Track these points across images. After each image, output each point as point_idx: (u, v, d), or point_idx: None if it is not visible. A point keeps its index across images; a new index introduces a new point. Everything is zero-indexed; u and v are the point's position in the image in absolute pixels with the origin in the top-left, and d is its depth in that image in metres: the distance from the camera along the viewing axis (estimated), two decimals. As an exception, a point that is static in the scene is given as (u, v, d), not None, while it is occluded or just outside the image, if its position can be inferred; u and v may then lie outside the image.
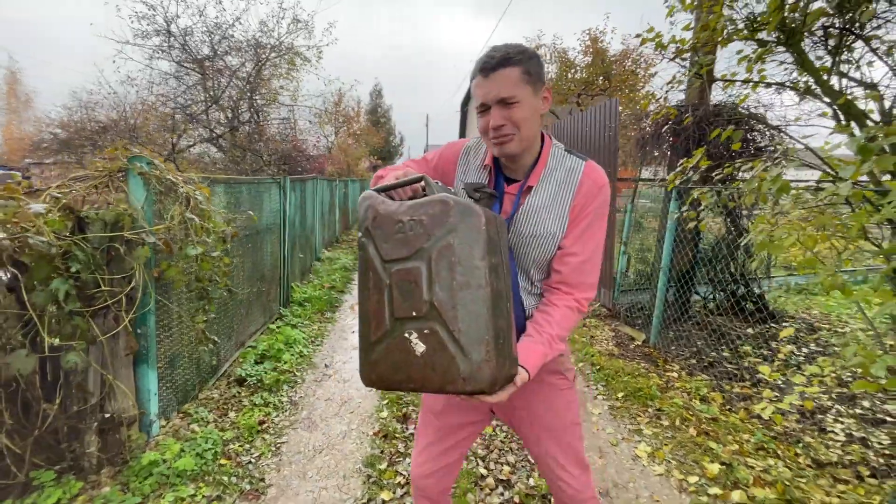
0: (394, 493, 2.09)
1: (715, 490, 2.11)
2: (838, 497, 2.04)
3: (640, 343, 4.00)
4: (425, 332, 0.86)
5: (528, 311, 1.14)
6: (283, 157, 8.99)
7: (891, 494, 2.04)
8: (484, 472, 2.23)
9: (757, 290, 4.48)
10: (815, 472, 2.24)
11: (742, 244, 3.48)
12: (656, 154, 4.42)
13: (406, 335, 0.88)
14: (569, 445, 1.22)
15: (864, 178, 2.03)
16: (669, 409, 2.81)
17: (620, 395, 3.03)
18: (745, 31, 2.80)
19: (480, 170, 1.17)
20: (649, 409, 2.84)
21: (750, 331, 4.13)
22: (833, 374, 3.24)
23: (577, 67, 10.34)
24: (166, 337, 2.48)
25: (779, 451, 2.39)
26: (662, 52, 3.40)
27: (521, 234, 1.09)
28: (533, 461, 1.39)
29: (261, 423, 2.64)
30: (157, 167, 2.26)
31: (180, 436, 2.39)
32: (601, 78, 10.36)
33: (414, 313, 0.87)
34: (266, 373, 3.17)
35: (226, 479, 2.15)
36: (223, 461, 2.28)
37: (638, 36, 3.42)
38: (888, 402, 2.99)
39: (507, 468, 2.25)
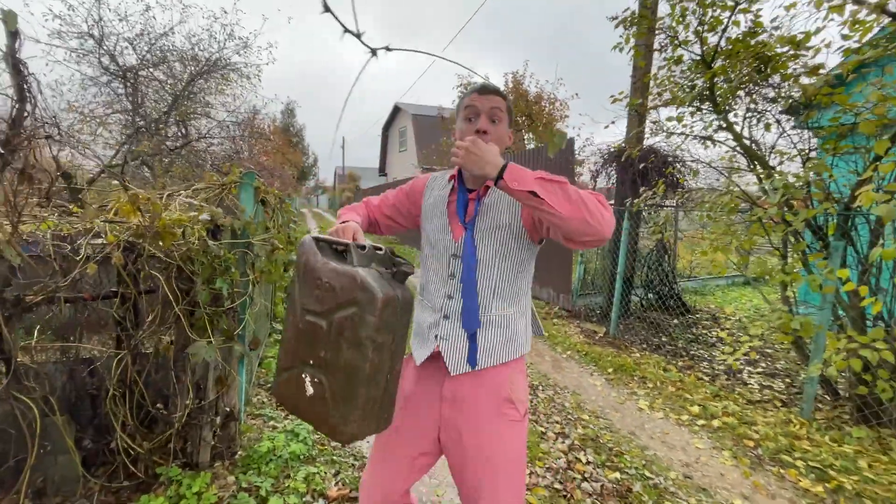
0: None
1: (701, 422, 2.96)
2: (772, 418, 3.02)
3: (602, 335, 4.92)
4: (315, 379, 0.98)
5: (481, 300, 1.18)
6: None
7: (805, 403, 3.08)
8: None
9: (676, 290, 5.76)
10: (750, 406, 3.22)
11: (668, 255, 4.63)
12: (605, 184, 5.53)
13: (302, 375, 1.00)
14: (505, 483, 1.15)
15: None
16: (650, 376, 3.69)
17: (610, 370, 3.85)
18: (684, 98, 3.91)
19: (445, 186, 1.30)
20: (634, 378, 3.69)
21: (675, 321, 5.34)
22: (749, 346, 4.47)
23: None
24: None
25: (727, 397, 3.36)
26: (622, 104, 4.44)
27: (482, 229, 1.19)
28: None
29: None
30: (261, 183, 2.51)
31: (262, 424, 2.57)
32: (523, 116, 11.91)
33: (311, 361, 0.99)
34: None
35: (335, 457, 2.41)
36: (319, 446, 2.52)
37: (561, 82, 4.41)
38: (778, 362, 4.24)
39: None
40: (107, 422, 1.98)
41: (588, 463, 2.47)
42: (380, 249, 1.06)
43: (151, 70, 8.09)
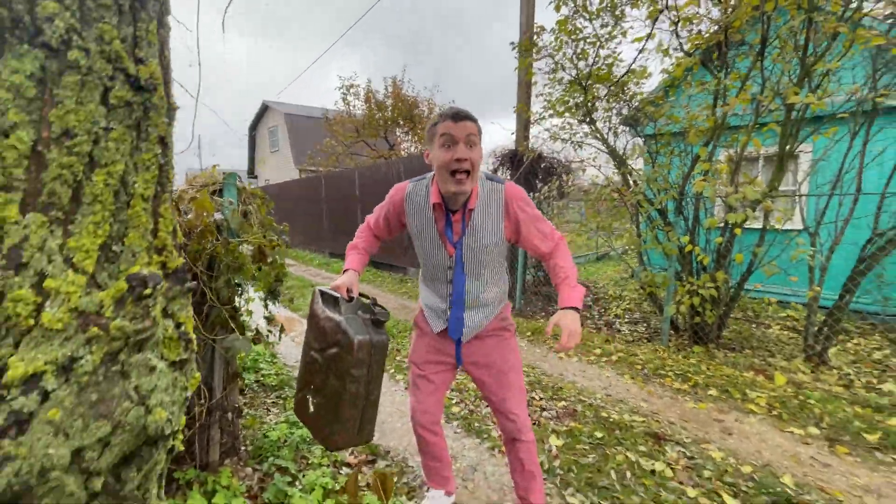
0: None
1: (604, 359, 3.91)
2: (645, 349, 4.13)
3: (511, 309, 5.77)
4: (315, 400, 1.27)
5: (470, 295, 1.51)
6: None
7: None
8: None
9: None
10: (630, 345, 4.33)
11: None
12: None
13: (307, 396, 1.29)
14: (517, 386, 1.60)
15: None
16: (559, 333, 4.59)
17: (528, 333, 4.66)
18: (562, 111, 4.90)
19: (427, 208, 1.44)
20: (549, 338, 4.55)
21: (560, 293, 6.51)
22: (623, 305, 5.75)
23: (387, 108, 12.16)
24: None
25: (613, 340, 4.43)
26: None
27: (471, 247, 1.43)
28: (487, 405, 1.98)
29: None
30: (241, 181, 2.53)
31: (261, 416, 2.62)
32: (403, 119, 12.46)
33: (312, 386, 1.28)
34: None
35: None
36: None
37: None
38: (635, 312, 5.59)
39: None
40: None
41: (540, 399, 3.13)
42: (367, 298, 1.34)
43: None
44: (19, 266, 0.49)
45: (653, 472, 2.28)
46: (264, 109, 24.49)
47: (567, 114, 4.95)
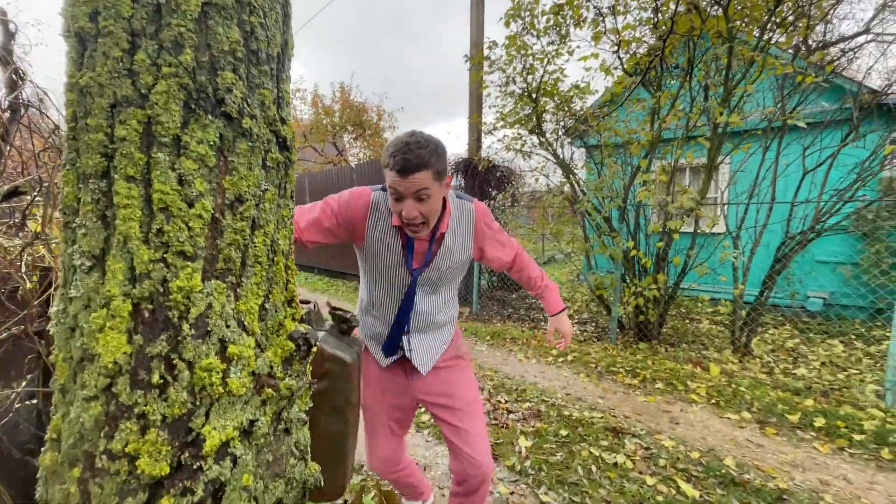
0: (426, 416, 3.05)
1: (560, 360, 4.11)
2: (596, 348, 4.40)
3: (467, 314, 5.88)
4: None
5: (425, 316, 1.41)
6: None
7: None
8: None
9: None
10: (582, 344, 4.58)
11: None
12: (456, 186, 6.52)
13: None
14: (478, 418, 1.45)
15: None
16: (517, 335, 4.75)
17: (488, 337, 4.78)
18: (512, 122, 5.10)
19: (390, 229, 1.31)
20: (507, 340, 4.70)
21: (514, 296, 6.73)
22: (574, 307, 6.03)
23: (335, 113, 11.92)
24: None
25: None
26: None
27: (440, 269, 1.36)
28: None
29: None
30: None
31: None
32: (352, 125, 12.28)
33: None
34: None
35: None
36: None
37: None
38: (583, 314, 5.92)
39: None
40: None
41: (506, 402, 3.24)
42: (308, 302, 1.08)
43: None
44: (206, 334, 0.48)
45: (615, 464, 2.44)
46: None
47: (518, 125, 5.16)
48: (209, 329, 0.51)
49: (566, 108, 4.76)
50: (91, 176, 0.50)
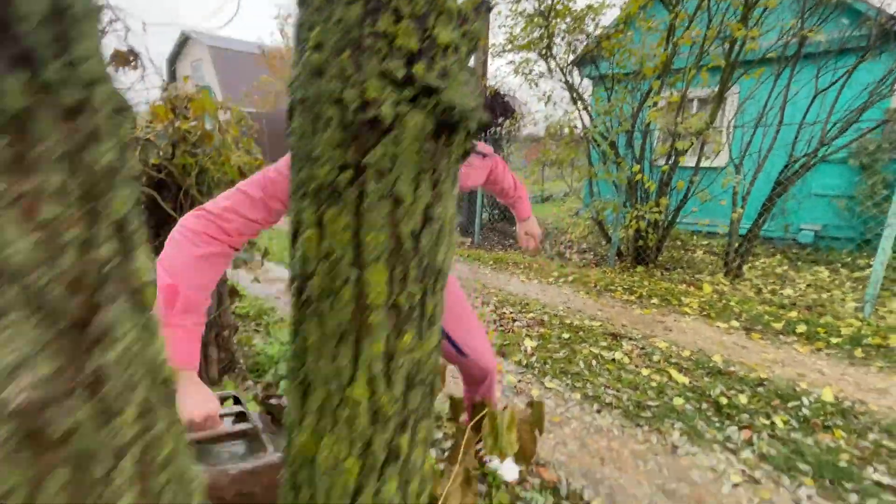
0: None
1: (561, 280, 4.30)
2: (596, 271, 4.58)
3: (468, 244, 6.02)
4: None
5: None
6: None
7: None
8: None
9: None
10: (583, 269, 4.76)
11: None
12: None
13: None
14: (477, 326, 1.49)
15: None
16: (518, 260, 4.92)
17: (490, 262, 4.94)
18: (524, 45, 4.94)
19: None
20: (508, 265, 4.87)
21: (513, 228, 6.85)
22: (573, 236, 6.19)
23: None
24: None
25: (566, 266, 4.84)
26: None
27: None
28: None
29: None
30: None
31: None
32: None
33: None
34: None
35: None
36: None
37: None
38: (583, 244, 6.09)
39: (477, 299, 3.74)
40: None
41: (511, 312, 3.44)
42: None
43: None
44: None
45: (613, 360, 2.67)
46: (184, 40, 21.70)
47: (527, 49, 5.00)
48: None
49: (579, 28, 4.59)
50: None
